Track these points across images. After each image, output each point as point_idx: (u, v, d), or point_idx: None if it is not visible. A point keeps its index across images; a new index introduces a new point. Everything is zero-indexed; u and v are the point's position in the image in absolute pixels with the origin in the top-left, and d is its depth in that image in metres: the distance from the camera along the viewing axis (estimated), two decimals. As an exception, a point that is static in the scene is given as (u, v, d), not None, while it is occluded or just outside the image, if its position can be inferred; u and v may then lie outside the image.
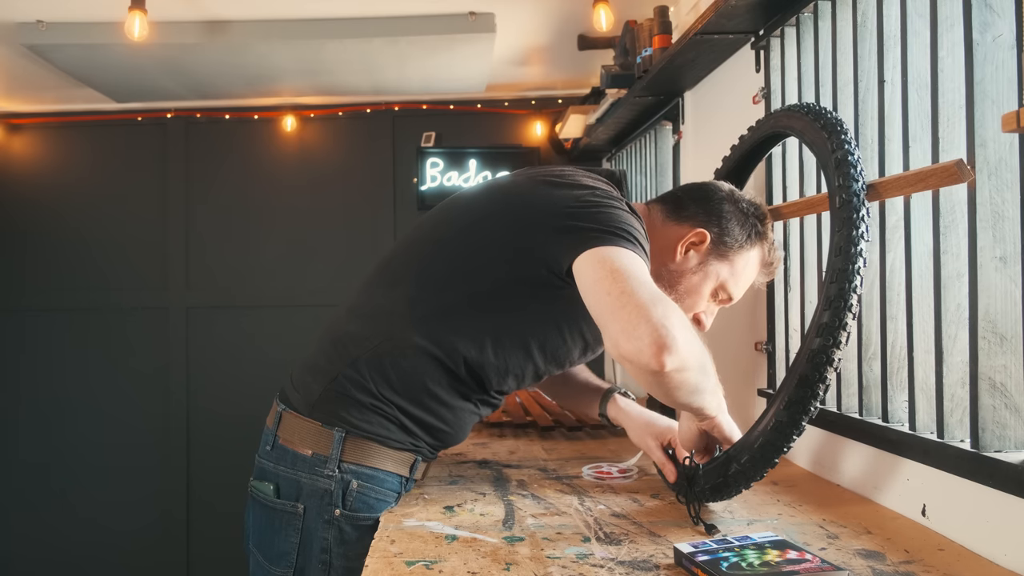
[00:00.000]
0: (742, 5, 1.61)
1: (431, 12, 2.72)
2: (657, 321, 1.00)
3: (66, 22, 2.73)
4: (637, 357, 1.00)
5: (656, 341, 0.99)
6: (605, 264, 1.08)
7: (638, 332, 1.00)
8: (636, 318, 1.01)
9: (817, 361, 1.08)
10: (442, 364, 1.23)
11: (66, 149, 3.88)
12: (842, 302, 1.10)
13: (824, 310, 1.12)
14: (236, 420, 3.58)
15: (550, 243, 1.16)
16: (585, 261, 1.10)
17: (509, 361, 1.25)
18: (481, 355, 1.23)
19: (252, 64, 3.10)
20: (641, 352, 0.99)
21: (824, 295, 1.13)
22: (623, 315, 1.02)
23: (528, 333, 1.25)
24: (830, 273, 1.13)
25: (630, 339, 1.00)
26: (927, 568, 0.96)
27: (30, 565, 3.78)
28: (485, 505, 1.27)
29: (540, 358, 1.27)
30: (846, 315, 1.09)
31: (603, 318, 1.05)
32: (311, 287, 3.78)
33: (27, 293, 3.84)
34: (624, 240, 1.12)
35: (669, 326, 1.00)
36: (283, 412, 1.29)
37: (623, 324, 1.01)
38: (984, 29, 1.02)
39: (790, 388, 1.11)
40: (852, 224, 1.14)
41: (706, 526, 1.12)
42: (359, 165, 3.82)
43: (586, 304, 1.10)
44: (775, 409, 1.12)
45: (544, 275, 1.17)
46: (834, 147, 1.22)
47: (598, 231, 1.12)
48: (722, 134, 1.95)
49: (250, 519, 1.32)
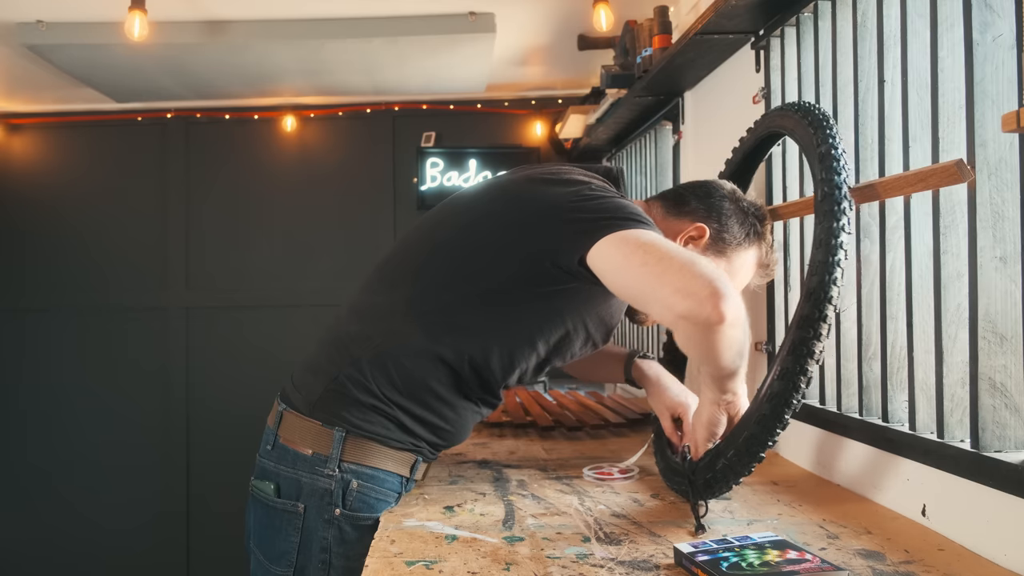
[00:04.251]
0: (742, 5, 1.61)
1: (431, 12, 2.72)
2: (708, 273, 1.01)
3: (66, 22, 2.73)
4: (698, 311, 0.99)
5: (714, 292, 0.99)
6: (629, 243, 1.09)
7: (694, 287, 1.00)
8: (687, 275, 1.01)
9: (798, 354, 1.08)
10: (445, 363, 1.23)
11: (66, 149, 3.88)
12: (822, 294, 1.09)
13: (805, 303, 1.12)
14: (236, 420, 3.58)
15: (556, 238, 1.16)
16: (605, 247, 1.10)
17: (514, 356, 1.26)
18: (485, 352, 1.24)
19: (252, 64, 3.10)
20: (702, 305, 0.99)
21: (805, 288, 1.13)
22: (671, 277, 1.02)
23: (532, 328, 1.25)
24: (811, 266, 1.14)
25: (687, 296, 1.00)
26: (927, 568, 0.96)
27: (30, 564, 3.78)
28: (485, 505, 1.27)
29: (544, 351, 1.28)
30: (826, 307, 1.09)
31: (647, 287, 1.04)
32: (311, 287, 3.78)
33: (27, 293, 3.84)
34: (636, 223, 1.13)
35: (719, 276, 1.01)
36: (284, 412, 1.29)
37: (675, 284, 1.01)
38: (984, 29, 1.02)
39: (772, 381, 1.11)
40: (833, 216, 1.14)
41: (697, 525, 1.12)
42: (359, 165, 3.82)
43: (617, 286, 1.10)
44: (758, 403, 1.12)
45: (549, 270, 1.18)
46: (819, 141, 1.22)
47: (608, 219, 1.13)
48: (722, 134, 1.95)
49: (251, 518, 1.32)
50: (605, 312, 1.30)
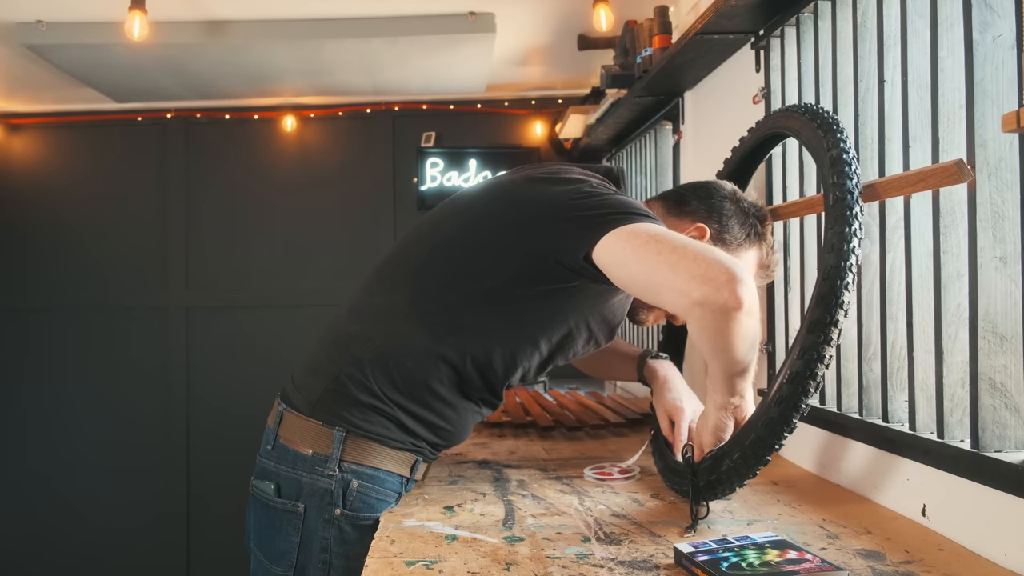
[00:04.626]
0: (742, 5, 1.61)
1: (431, 12, 2.72)
2: (724, 260, 1.01)
3: (66, 22, 2.73)
4: (715, 296, 0.99)
5: (732, 277, 0.99)
6: (638, 235, 1.08)
7: (711, 272, 1.00)
8: (703, 261, 1.01)
9: (808, 358, 1.08)
10: (448, 362, 1.23)
11: (66, 149, 3.88)
12: (833, 299, 1.09)
13: (816, 307, 1.12)
14: (236, 420, 3.58)
15: (558, 236, 1.16)
16: (612, 241, 1.10)
17: (517, 355, 1.26)
18: (488, 351, 1.24)
19: (252, 64, 3.10)
20: (719, 290, 0.99)
21: (816, 292, 1.13)
22: (688, 264, 1.02)
23: (535, 327, 1.25)
24: (822, 270, 1.13)
25: (704, 281, 1.00)
26: (927, 568, 0.96)
27: (30, 565, 3.78)
28: (485, 505, 1.27)
29: (547, 350, 1.28)
30: (838, 312, 1.09)
31: (661, 276, 1.04)
32: (311, 287, 3.78)
33: (27, 293, 3.84)
34: (642, 217, 1.13)
35: (736, 263, 1.01)
36: (284, 411, 1.29)
37: (691, 271, 1.01)
38: (984, 29, 1.02)
39: (781, 385, 1.11)
40: (845, 221, 1.14)
41: (688, 525, 1.12)
42: (359, 165, 3.82)
43: (625, 279, 1.10)
44: (767, 405, 1.12)
45: (552, 269, 1.17)
46: (829, 145, 1.22)
47: (612, 214, 1.13)
48: (722, 134, 1.95)
49: (251, 518, 1.32)
50: (608, 310, 1.30)
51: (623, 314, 1.35)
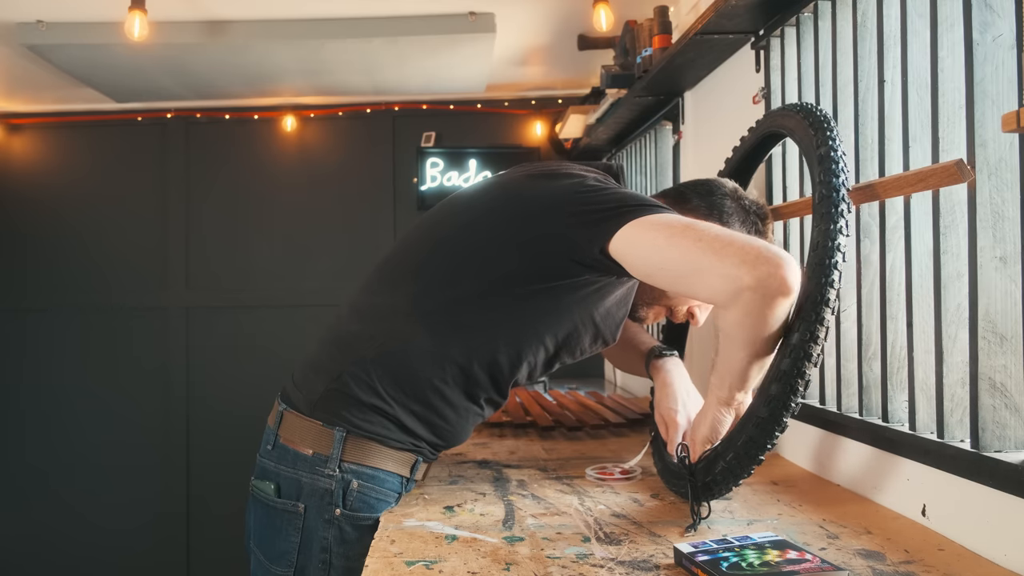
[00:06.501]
0: (742, 5, 1.61)
1: (431, 12, 2.72)
2: (770, 246, 0.99)
3: (66, 22, 2.73)
4: (768, 280, 0.97)
5: (782, 261, 0.97)
6: (671, 225, 1.07)
7: (762, 257, 0.98)
8: (749, 246, 0.99)
9: (795, 357, 1.08)
10: (452, 361, 1.23)
11: (66, 149, 3.88)
12: (819, 297, 1.09)
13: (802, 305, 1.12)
14: (236, 420, 3.58)
15: (568, 230, 1.15)
16: (634, 232, 1.08)
17: (521, 351, 1.25)
18: (492, 348, 1.23)
19: (252, 64, 3.10)
20: (772, 274, 0.97)
21: (802, 291, 1.13)
22: (734, 250, 1.00)
23: (538, 323, 1.24)
24: (808, 268, 1.13)
25: (755, 265, 0.98)
26: (927, 568, 0.96)
27: (29, 564, 3.78)
28: (485, 505, 1.27)
29: (552, 346, 1.27)
30: (824, 310, 1.09)
31: (704, 263, 1.02)
32: (311, 287, 3.78)
33: (27, 293, 3.84)
34: (660, 209, 1.12)
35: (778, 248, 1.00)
36: (284, 411, 1.29)
37: (738, 257, 0.99)
38: (984, 29, 1.02)
39: (769, 384, 1.11)
40: (830, 219, 1.14)
41: (689, 525, 1.12)
42: (359, 165, 3.82)
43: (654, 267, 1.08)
44: (755, 406, 1.12)
45: (560, 264, 1.17)
46: (818, 143, 1.22)
47: (626, 207, 1.12)
48: (722, 134, 1.95)
49: (251, 518, 1.32)
50: (613, 306, 1.30)
51: (627, 309, 1.35)
